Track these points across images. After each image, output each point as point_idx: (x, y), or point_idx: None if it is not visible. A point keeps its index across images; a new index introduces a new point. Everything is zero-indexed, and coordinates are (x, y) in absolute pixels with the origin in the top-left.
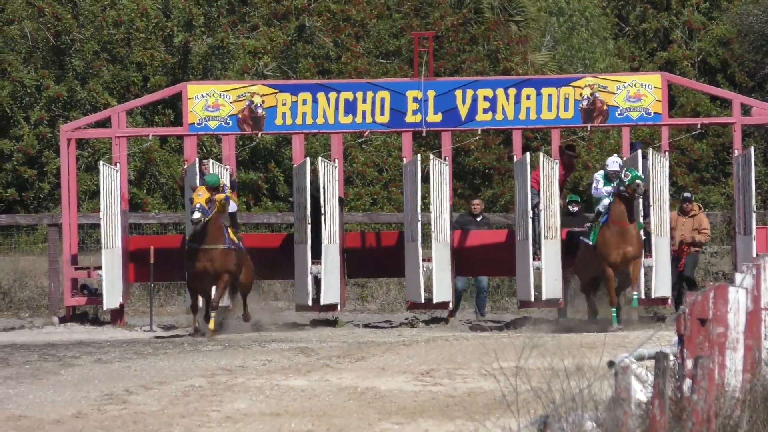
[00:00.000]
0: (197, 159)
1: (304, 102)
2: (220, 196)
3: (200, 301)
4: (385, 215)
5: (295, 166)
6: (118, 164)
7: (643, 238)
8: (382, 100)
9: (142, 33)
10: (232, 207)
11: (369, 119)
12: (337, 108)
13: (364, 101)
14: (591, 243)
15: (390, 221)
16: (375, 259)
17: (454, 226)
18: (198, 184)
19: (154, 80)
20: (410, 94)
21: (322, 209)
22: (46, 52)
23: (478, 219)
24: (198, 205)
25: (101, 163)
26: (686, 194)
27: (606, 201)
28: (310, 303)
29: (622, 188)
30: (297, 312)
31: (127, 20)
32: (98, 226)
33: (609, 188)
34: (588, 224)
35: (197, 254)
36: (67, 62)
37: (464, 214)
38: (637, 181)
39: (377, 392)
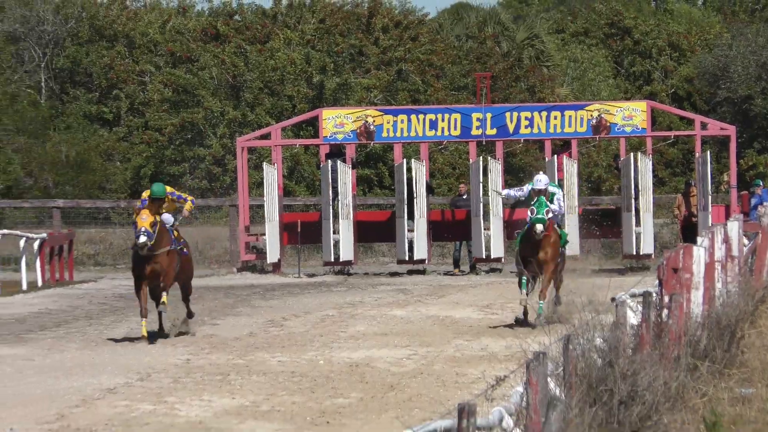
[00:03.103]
0: (329, 160)
1: (402, 121)
2: (171, 207)
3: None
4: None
5: (396, 164)
6: (275, 164)
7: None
8: (455, 119)
9: (291, 75)
10: (168, 220)
11: (446, 133)
12: (424, 125)
13: (443, 120)
14: (518, 245)
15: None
16: (450, 228)
17: (451, 205)
18: (329, 180)
19: (300, 107)
20: (474, 116)
21: (415, 195)
22: (227, 89)
23: (464, 197)
24: (143, 229)
25: (264, 163)
26: (690, 182)
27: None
28: (406, 258)
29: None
30: (398, 264)
31: (281, 66)
32: (263, 206)
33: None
34: (517, 231)
35: (145, 259)
36: (241, 95)
37: (455, 196)
38: (537, 225)
39: (453, 319)
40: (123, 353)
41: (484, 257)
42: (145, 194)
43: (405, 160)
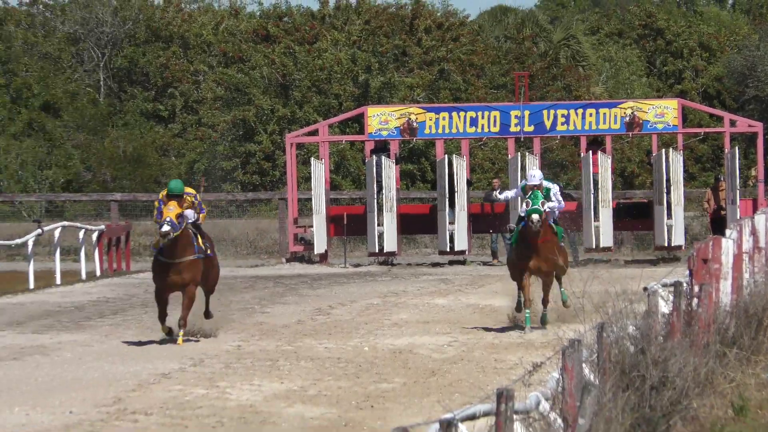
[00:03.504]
0: (373, 156)
1: (444, 118)
2: (189, 198)
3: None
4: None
5: (438, 160)
6: (323, 159)
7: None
8: (495, 117)
9: (338, 74)
10: (190, 215)
11: (486, 129)
12: (465, 122)
13: (483, 117)
14: (512, 245)
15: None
16: (489, 221)
17: (485, 200)
18: (374, 174)
19: (346, 105)
20: (513, 113)
21: (455, 189)
22: (276, 87)
23: (497, 191)
24: (168, 219)
25: (312, 159)
26: (719, 176)
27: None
28: (447, 249)
29: (524, 216)
30: (439, 255)
31: (329, 66)
32: (310, 199)
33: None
34: (511, 226)
35: (168, 268)
36: (290, 93)
37: (488, 191)
38: (533, 215)
39: (492, 308)
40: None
41: None
42: (162, 193)
43: (446, 155)
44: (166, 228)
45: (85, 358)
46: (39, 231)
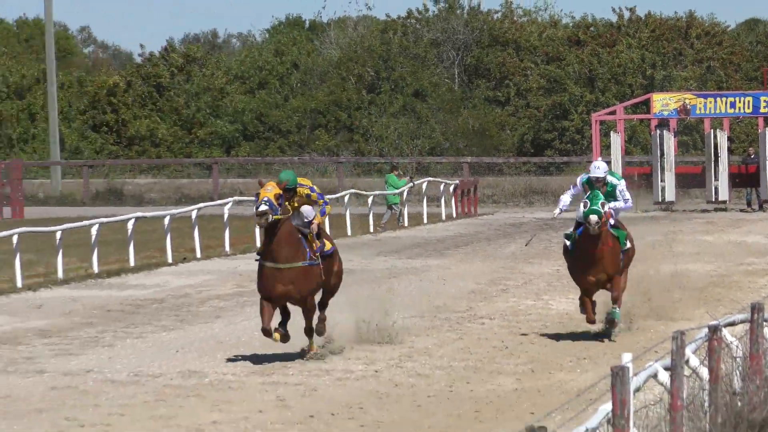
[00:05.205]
0: (657, 130)
1: (710, 102)
2: (303, 191)
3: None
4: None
5: (706, 133)
6: (619, 133)
7: (624, 248)
8: (748, 101)
9: (631, 69)
10: (309, 213)
11: (742, 111)
12: (726, 105)
13: (739, 102)
14: (570, 250)
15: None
16: (744, 178)
17: (743, 162)
18: (658, 143)
19: (637, 92)
20: (762, 99)
21: (719, 154)
22: (585, 79)
23: (752, 157)
24: (265, 199)
25: (612, 132)
26: None
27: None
28: (713, 199)
29: (582, 219)
30: (706, 204)
31: (624, 63)
32: (610, 162)
33: (567, 201)
34: (568, 232)
35: (274, 274)
36: (595, 84)
37: (746, 156)
38: (592, 216)
39: (746, 243)
40: (510, 265)
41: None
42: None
43: (712, 130)
44: (263, 207)
45: (446, 278)
46: (411, 184)
